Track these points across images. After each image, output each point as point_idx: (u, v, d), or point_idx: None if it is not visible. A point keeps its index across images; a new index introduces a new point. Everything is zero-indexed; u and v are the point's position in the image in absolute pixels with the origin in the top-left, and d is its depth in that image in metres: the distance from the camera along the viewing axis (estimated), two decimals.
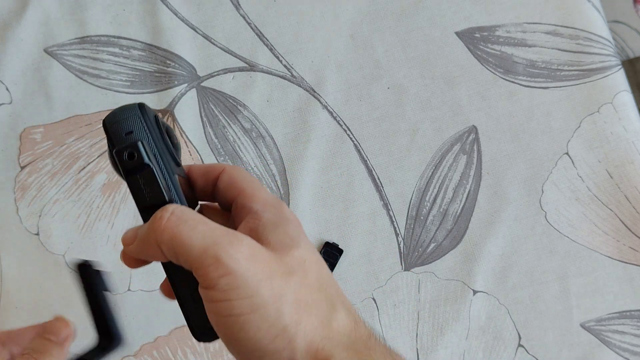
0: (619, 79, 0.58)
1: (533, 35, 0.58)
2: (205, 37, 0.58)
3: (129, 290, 0.56)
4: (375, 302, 0.56)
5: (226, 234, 0.34)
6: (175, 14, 0.58)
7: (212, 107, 0.58)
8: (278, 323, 0.34)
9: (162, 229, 0.34)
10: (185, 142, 0.57)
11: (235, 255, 0.33)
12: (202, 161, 0.57)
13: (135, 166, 0.35)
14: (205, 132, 0.57)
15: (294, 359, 0.34)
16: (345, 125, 0.58)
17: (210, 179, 0.40)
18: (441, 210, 0.57)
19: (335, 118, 0.58)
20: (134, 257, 0.37)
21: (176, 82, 0.58)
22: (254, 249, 0.34)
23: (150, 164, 0.35)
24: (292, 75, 0.58)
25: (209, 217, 0.36)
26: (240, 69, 0.58)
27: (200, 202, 0.41)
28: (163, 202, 0.36)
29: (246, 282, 0.33)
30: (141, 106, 0.37)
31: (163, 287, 0.39)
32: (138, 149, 0.35)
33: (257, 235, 0.36)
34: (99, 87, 0.58)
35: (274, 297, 0.34)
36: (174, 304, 0.42)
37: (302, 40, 0.58)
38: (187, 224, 0.34)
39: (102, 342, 0.50)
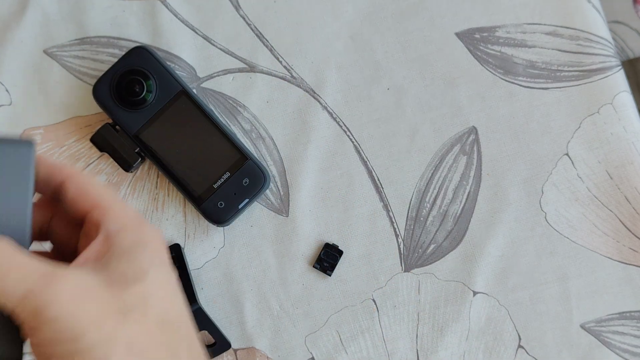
0: (619, 79, 0.57)
1: (533, 36, 0.58)
2: (205, 38, 0.58)
3: None
4: (375, 303, 0.56)
5: (46, 276, 0.30)
6: (175, 15, 0.58)
7: (212, 108, 0.58)
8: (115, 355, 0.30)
9: None
10: None
11: (56, 300, 0.30)
12: None
13: None
14: None
15: None
16: (345, 126, 0.58)
17: (52, 185, 0.35)
18: (441, 211, 0.57)
19: (335, 119, 0.58)
20: None
21: None
22: (82, 287, 0.31)
23: None
24: (292, 76, 0.58)
25: (59, 228, 0.34)
26: (240, 70, 0.58)
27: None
28: None
29: (71, 326, 0.30)
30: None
31: None
32: None
33: (102, 263, 0.32)
34: None
35: (101, 341, 0.31)
36: None
37: (302, 42, 0.58)
38: None
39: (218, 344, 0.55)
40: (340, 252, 0.56)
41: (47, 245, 0.39)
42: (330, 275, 0.56)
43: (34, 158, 0.33)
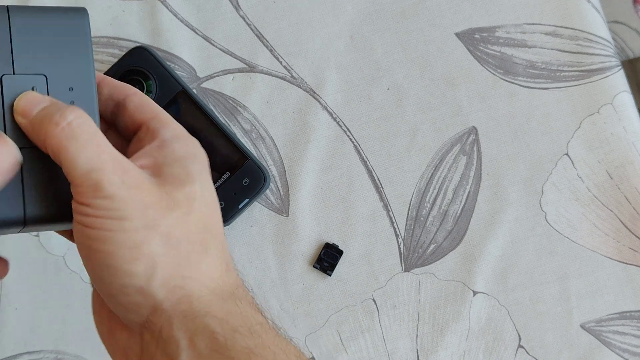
0: (619, 79, 0.57)
1: (533, 36, 0.58)
2: (205, 38, 0.58)
3: None
4: (375, 303, 0.56)
5: (113, 159, 0.34)
6: (175, 15, 0.58)
7: (212, 108, 0.58)
8: (141, 249, 0.34)
9: (51, 135, 0.34)
10: None
11: (116, 182, 0.34)
12: None
13: None
14: None
15: (149, 287, 0.34)
16: (345, 126, 0.58)
17: (116, 97, 0.40)
18: (441, 211, 0.57)
19: (335, 119, 0.58)
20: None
21: None
22: (138, 179, 0.35)
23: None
24: (292, 76, 0.58)
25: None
26: (240, 70, 0.58)
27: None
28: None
29: (120, 206, 0.34)
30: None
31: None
32: None
33: (155, 165, 0.36)
34: None
35: (145, 226, 0.34)
36: None
37: (302, 42, 0.58)
38: (78, 140, 0.34)
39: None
40: (341, 252, 0.56)
41: None
42: (330, 275, 0.56)
43: (89, 25, 0.39)
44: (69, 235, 0.40)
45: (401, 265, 0.56)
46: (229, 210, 0.55)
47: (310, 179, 0.57)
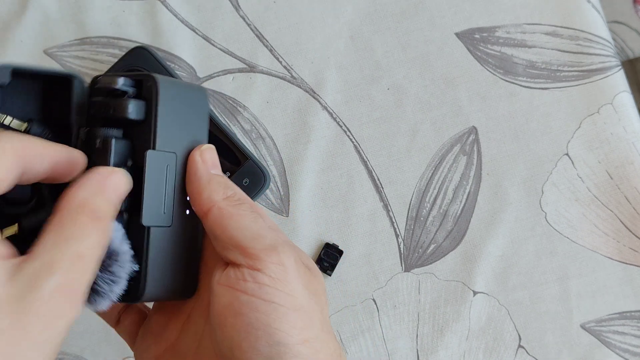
0: (619, 79, 0.57)
1: (533, 36, 0.58)
2: (205, 38, 0.58)
3: None
4: (375, 303, 0.56)
5: (276, 235, 0.36)
6: (175, 16, 0.58)
7: (212, 108, 0.58)
8: (311, 330, 0.34)
9: (221, 205, 0.36)
10: None
11: (288, 254, 0.35)
12: None
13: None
14: None
15: None
16: (345, 126, 0.58)
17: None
18: (441, 211, 0.57)
19: (335, 119, 0.58)
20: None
21: None
22: (296, 259, 0.35)
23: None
24: (292, 76, 0.58)
25: None
26: (240, 70, 0.58)
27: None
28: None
29: (292, 280, 0.34)
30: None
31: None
32: None
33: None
34: None
35: (309, 307, 0.35)
36: None
37: (302, 42, 0.58)
38: (247, 209, 0.36)
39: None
40: (341, 252, 0.56)
41: None
42: (330, 275, 0.56)
43: (207, 101, 0.40)
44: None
45: (401, 265, 0.56)
46: None
47: (310, 179, 0.57)
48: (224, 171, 0.55)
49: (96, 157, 0.36)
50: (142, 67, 0.55)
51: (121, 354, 0.56)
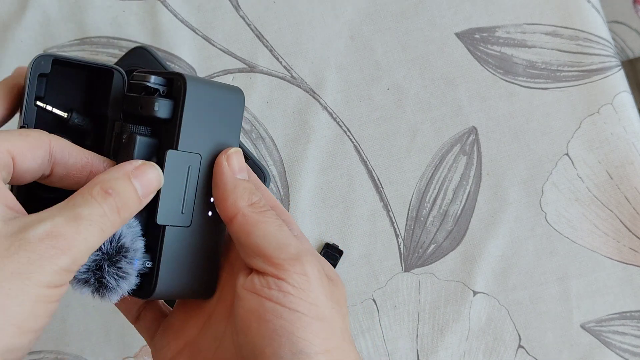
0: (619, 79, 0.57)
1: (533, 36, 0.58)
2: (205, 38, 0.58)
3: None
4: (376, 303, 0.56)
5: (300, 244, 0.36)
6: (175, 16, 0.58)
7: None
8: (332, 340, 0.35)
9: (247, 212, 0.36)
10: None
11: (311, 265, 0.35)
12: None
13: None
14: None
15: None
16: (345, 126, 0.58)
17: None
18: (441, 211, 0.57)
19: (335, 119, 0.58)
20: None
21: None
22: (319, 269, 0.36)
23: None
24: (292, 76, 0.58)
25: None
26: (240, 70, 0.58)
27: None
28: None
29: (315, 290, 0.35)
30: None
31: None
32: None
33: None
34: None
35: (331, 317, 0.35)
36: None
37: (302, 42, 0.58)
38: (271, 218, 0.37)
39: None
40: (341, 252, 0.56)
41: None
42: None
43: (243, 105, 0.40)
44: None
45: (401, 265, 0.56)
46: None
47: (310, 179, 0.57)
48: None
49: (122, 152, 0.37)
50: (142, 67, 0.55)
51: (121, 354, 0.56)
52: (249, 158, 0.55)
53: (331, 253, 0.56)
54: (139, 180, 0.34)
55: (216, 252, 0.39)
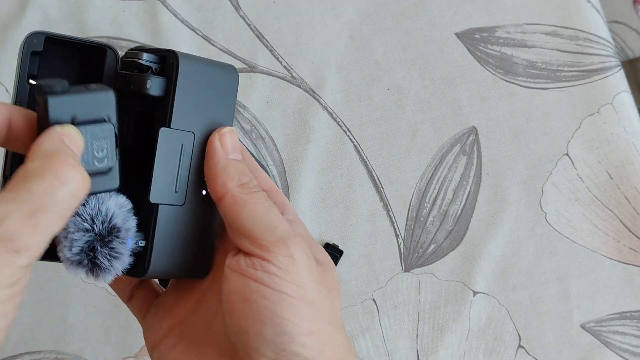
0: (619, 79, 0.57)
1: (533, 36, 0.58)
2: (205, 38, 0.58)
3: None
4: (376, 303, 0.56)
5: (289, 227, 0.36)
6: (175, 15, 0.58)
7: None
8: (318, 323, 0.34)
9: (237, 193, 0.36)
10: None
11: (298, 248, 0.35)
12: None
13: None
14: None
15: None
16: (345, 126, 0.58)
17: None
18: (441, 211, 0.57)
19: (335, 119, 0.58)
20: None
21: None
22: (307, 252, 0.36)
23: None
24: (292, 76, 0.58)
25: None
26: (240, 70, 0.58)
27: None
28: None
29: (301, 272, 0.34)
30: None
31: None
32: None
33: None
34: None
35: (318, 300, 0.35)
36: None
37: (302, 42, 0.58)
38: (261, 200, 0.36)
39: None
40: (341, 252, 0.56)
41: None
42: None
43: (237, 83, 0.39)
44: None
45: (401, 265, 0.56)
46: None
47: (310, 179, 0.57)
48: None
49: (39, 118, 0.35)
50: None
51: (121, 354, 0.56)
52: None
53: (331, 253, 0.56)
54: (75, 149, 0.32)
55: (210, 231, 0.39)
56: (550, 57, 0.58)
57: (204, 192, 0.38)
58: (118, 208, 0.35)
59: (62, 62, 0.39)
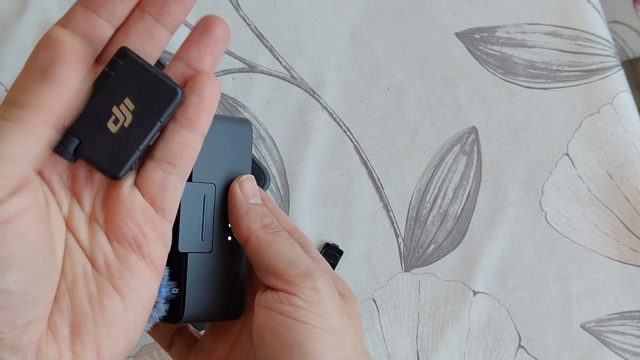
0: (619, 79, 0.58)
1: (533, 36, 0.58)
2: None
3: None
4: (376, 303, 0.56)
5: (312, 262, 0.38)
6: None
7: None
8: (343, 351, 0.36)
9: (259, 234, 0.38)
10: None
11: (322, 280, 0.37)
12: None
13: None
14: None
15: None
16: (345, 126, 0.58)
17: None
18: (441, 211, 0.57)
19: (335, 119, 0.58)
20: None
21: None
22: (331, 285, 0.37)
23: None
24: (292, 76, 0.58)
25: None
26: (240, 70, 0.58)
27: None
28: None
29: (325, 303, 0.36)
30: None
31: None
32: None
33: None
34: None
35: (342, 329, 0.36)
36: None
37: (302, 42, 0.58)
38: (283, 238, 0.38)
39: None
40: (341, 252, 0.56)
41: None
42: None
43: (252, 135, 0.42)
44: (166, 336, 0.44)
45: (401, 265, 0.56)
46: None
47: (310, 179, 0.57)
48: None
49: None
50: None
51: None
52: None
53: (331, 253, 0.56)
54: None
55: (239, 274, 0.41)
56: (550, 57, 0.58)
57: (229, 238, 0.40)
58: None
59: None
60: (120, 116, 0.33)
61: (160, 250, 0.34)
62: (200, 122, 0.34)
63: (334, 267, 0.56)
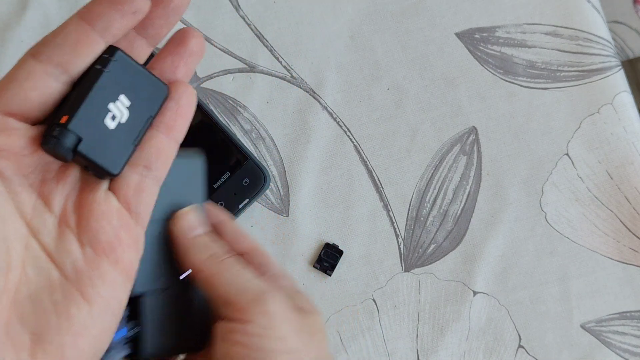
0: (619, 79, 0.58)
1: (533, 36, 0.58)
2: (205, 38, 0.58)
3: None
4: (376, 303, 0.56)
5: (263, 284, 0.37)
6: None
7: (212, 108, 0.58)
8: None
9: (207, 265, 0.37)
10: None
11: (273, 301, 0.36)
12: None
13: None
14: None
15: None
16: (345, 126, 0.58)
17: (210, 223, 0.41)
18: (441, 211, 0.57)
19: (335, 119, 0.58)
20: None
21: None
22: (286, 304, 0.37)
23: None
24: (292, 76, 0.58)
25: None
26: (240, 70, 0.58)
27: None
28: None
29: (281, 325, 0.35)
30: None
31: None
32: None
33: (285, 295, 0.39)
34: None
35: (302, 348, 0.36)
36: None
37: (302, 42, 0.58)
38: (234, 266, 0.37)
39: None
40: (341, 252, 0.56)
41: None
42: (330, 275, 0.56)
43: (204, 167, 0.40)
44: None
45: (401, 265, 0.56)
46: (229, 211, 0.55)
47: (310, 179, 0.57)
48: (224, 171, 0.55)
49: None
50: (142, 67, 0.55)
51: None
52: (248, 158, 0.55)
53: (331, 253, 0.56)
54: None
55: (200, 306, 0.40)
56: (550, 57, 0.58)
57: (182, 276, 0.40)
58: None
59: None
60: (117, 112, 0.32)
61: (133, 256, 0.33)
62: (177, 127, 0.34)
63: (333, 267, 0.56)
